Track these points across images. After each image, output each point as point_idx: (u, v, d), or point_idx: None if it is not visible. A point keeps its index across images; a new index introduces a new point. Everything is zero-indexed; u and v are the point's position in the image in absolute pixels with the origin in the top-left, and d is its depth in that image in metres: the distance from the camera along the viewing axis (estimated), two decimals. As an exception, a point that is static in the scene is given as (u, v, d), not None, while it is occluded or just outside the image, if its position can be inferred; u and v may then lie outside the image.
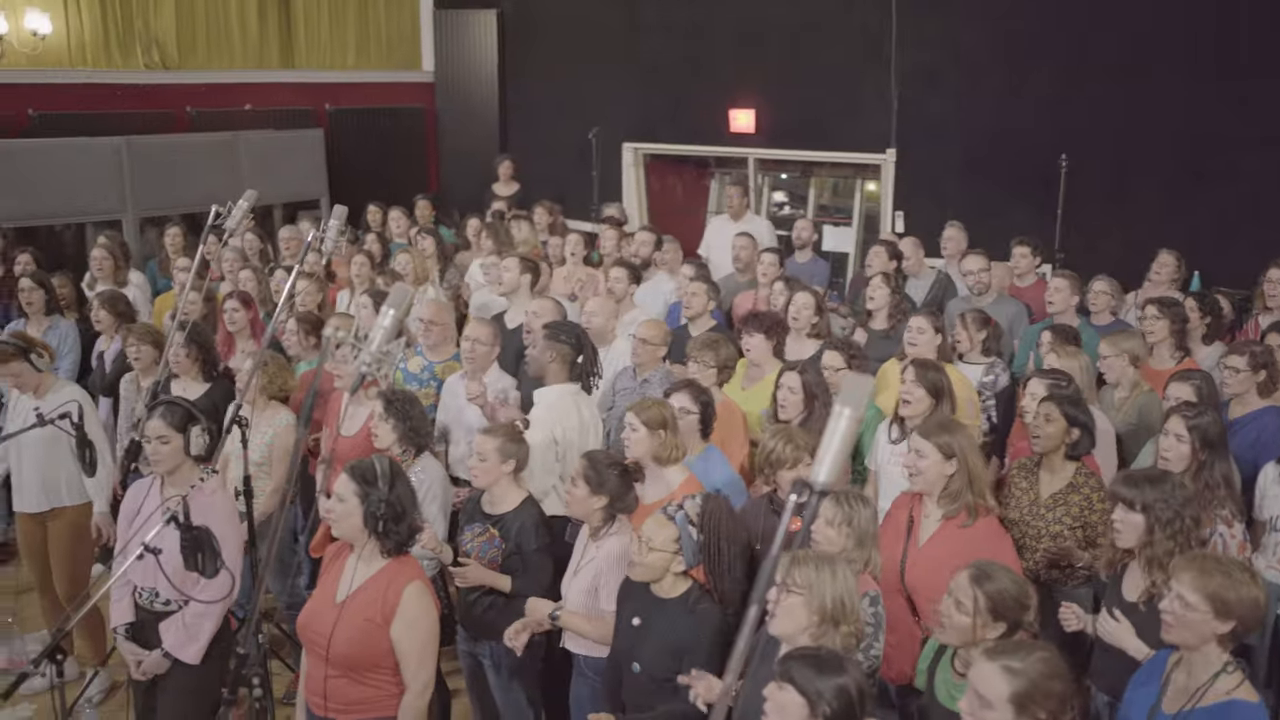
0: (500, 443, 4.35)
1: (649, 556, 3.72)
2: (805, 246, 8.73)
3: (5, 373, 5.39)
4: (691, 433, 4.76)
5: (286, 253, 8.69)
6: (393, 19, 13.51)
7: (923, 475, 4.11)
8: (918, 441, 4.13)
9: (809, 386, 5.06)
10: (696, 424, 4.77)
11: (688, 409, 4.75)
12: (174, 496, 3.62)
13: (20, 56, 10.53)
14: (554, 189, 11.15)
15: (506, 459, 4.37)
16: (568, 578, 4.28)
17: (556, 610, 4.12)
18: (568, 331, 5.36)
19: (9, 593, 6.43)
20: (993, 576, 3.27)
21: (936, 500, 4.13)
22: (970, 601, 3.23)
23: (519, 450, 4.43)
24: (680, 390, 4.84)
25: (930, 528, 4.14)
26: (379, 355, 2.52)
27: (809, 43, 10.24)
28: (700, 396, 4.82)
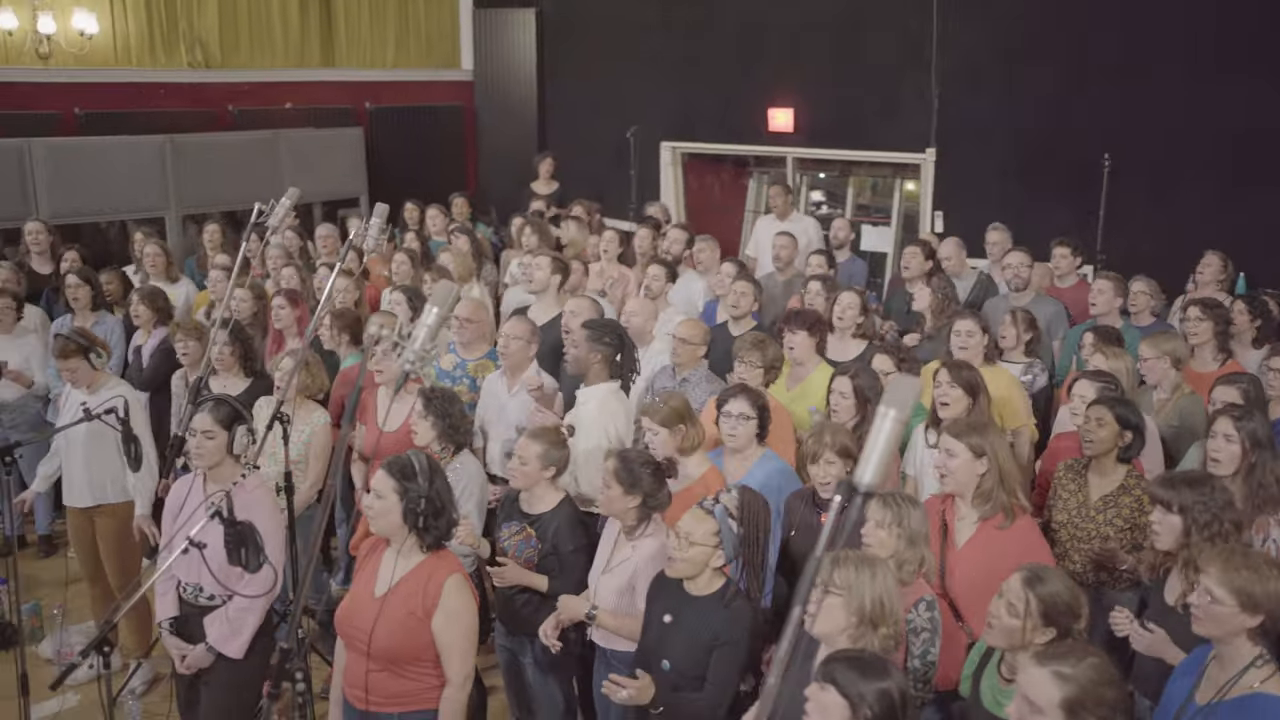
0: (544, 449, 4.38)
1: (689, 551, 3.71)
2: (843, 246, 8.70)
3: (64, 368, 5.47)
4: (749, 437, 4.75)
5: (324, 250, 8.75)
6: (432, 18, 13.58)
7: (953, 475, 4.09)
8: (947, 441, 4.11)
9: (861, 390, 5.02)
10: (755, 429, 4.75)
11: (746, 414, 4.72)
12: (218, 492, 3.66)
13: (67, 56, 10.66)
14: (592, 188, 11.17)
15: (548, 465, 4.41)
16: (596, 572, 4.29)
17: (594, 610, 4.12)
18: (610, 331, 5.37)
19: (56, 584, 6.51)
20: (1046, 580, 3.22)
21: (970, 501, 4.09)
22: (1022, 604, 3.19)
23: (561, 457, 4.46)
24: (737, 395, 4.81)
25: (967, 530, 4.11)
26: (422, 353, 2.53)
27: (848, 42, 10.19)
28: (757, 401, 4.80)
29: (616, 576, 4.15)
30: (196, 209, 10.65)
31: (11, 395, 6.88)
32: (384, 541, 3.71)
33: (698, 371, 5.91)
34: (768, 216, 9.85)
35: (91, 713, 5.51)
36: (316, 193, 11.42)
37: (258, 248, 8.33)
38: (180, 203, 10.64)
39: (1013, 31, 9.17)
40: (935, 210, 9.87)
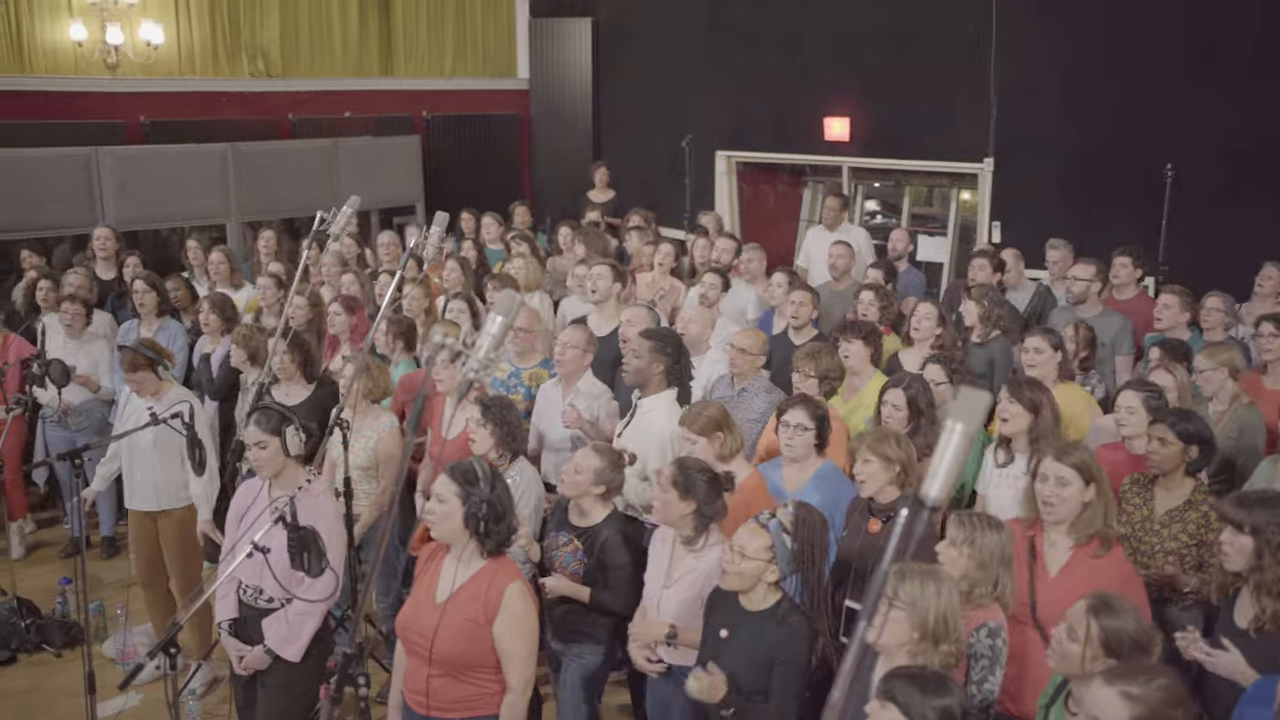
0: (602, 466, 4.40)
1: (742, 565, 3.70)
2: (902, 257, 8.63)
3: (131, 380, 5.54)
4: (807, 447, 4.74)
5: (386, 258, 8.83)
6: (489, 27, 13.69)
7: (1065, 504, 3.89)
8: (1057, 469, 3.91)
9: (914, 401, 5.00)
10: (813, 439, 4.74)
11: (804, 424, 4.72)
12: (281, 497, 3.70)
13: (134, 66, 10.88)
14: (646, 197, 11.19)
15: (600, 482, 4.42)
16: (655, 588, 4.26)
17: (672, 629, 4.11)
18: (669, 340, 5.36)
19: (118, 586, 6.62)
20: (1115, 612, 3.11)
21: (1067, 529, 3.93)
22: (1082, 630, 3.11)
23: (615, 479, 4.47)
24: (796, 405, 4.81)
25: (1059, 557, 3.94)
26: (486, 361, 2.54)
27: (906, 50, 10.13)
28: (816, 411, 4.79)
29: (682, 589, 4.14)
30: (256, 216, 10.79)
31: (79, 399, 7.01)
32: (444, 547, 3.73)
33: (757, 381, 5.90)
34: (818, 226, 9.81)
35: (152, 712, 5.60)
36: (374, 200, 11.54)
37: (316, 255, 8.43)
38: (241, 210, 10.79)
39: (1073, 39, 9.07)
40: (993, 220, 9.77)
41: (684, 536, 4.17)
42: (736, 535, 3.77)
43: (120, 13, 10.69)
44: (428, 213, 12.14)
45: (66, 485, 7.50)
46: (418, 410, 2.51)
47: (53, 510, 8.22)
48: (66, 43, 10.54)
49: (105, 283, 8.36)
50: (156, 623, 6.03)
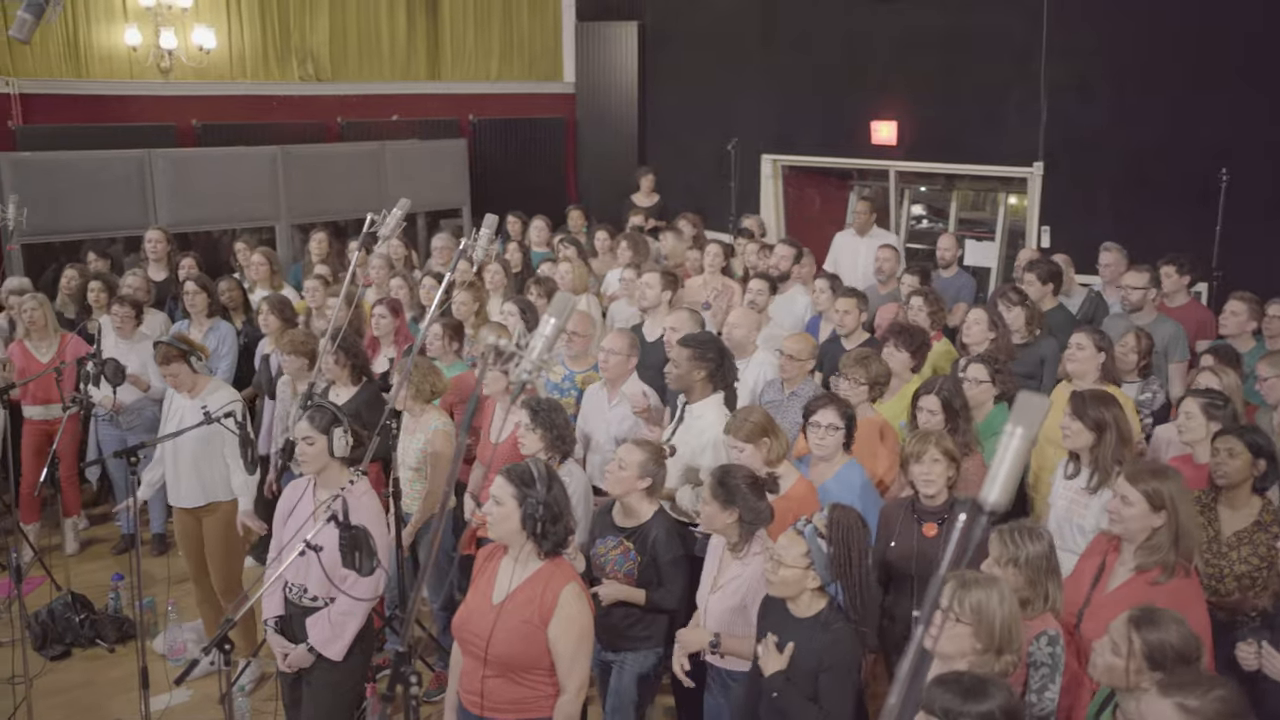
0: (644, 459, 4.40)
1: (781, 573, 3.70)
2: (950, 264, 8.56)
3: (166, 373, 5.62)
4: (836, 447, 4.74)
5: (438, 261, 8.88)
6: (536, 31, 13.74)
7: (1125, 524, 3.83)
8: (1123, 487, 3.85)
9: (948, 403, 4.99)
10: (842, 439, 4.77)
11: (834, 424, 4.75)
12: (334, 497, 3.73)
13: (187, 70, 11.02)
14: (692, 200, 11.18)
15: (644, 476, 4.42)
16: (703, 592, 4.28)
17: (715, 638, 4.11)
18: (707, 346, 5.34)
19: (170, 582, 6.70)
20: (1158, 624, 3.07)
21: (1134, 550, 3.85)
22: (1125, 644, 3.06)
23: (659, 472, 4.48)
24: (825, 406, 4.82)
25: (1121, 575, 3.87)
26: (539, 363, 2.55)
27: (954, 53, 10.06)
28: (845, 411, 4.80)
29: (727, 596, 4.14)
30: (305, 219, 10.89)
31: (130, 398, 7.11)
32: (502, 548, 3.75)
33: (806, 385, 5.91)
34: (847, 231, 9.77)
35: (201, 707, 5.67)
36: (420, 203, 11.61)
37: (364, 257, 8.49)
38: (290, 212, 10.90)
39: (1125, 41, 8.96)
40: (1042, 225, 9.68)
41: (730, 543, 4.17)
42: (775, 543, 3.78)
43: (174, 17, 10.84)
44: (473, 216, 12.25)
45: (118, 483, 7.62)
46: (470, 412, 2.52)
47: (104, 507, 8.34)
48: (121, 47, 10.70)
49: (158, 284, 8.47)
50: (206, 619, 6.10)
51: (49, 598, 6.57)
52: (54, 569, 6.93)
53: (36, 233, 8.82)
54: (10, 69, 10.02)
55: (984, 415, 5.32)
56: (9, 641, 6.10)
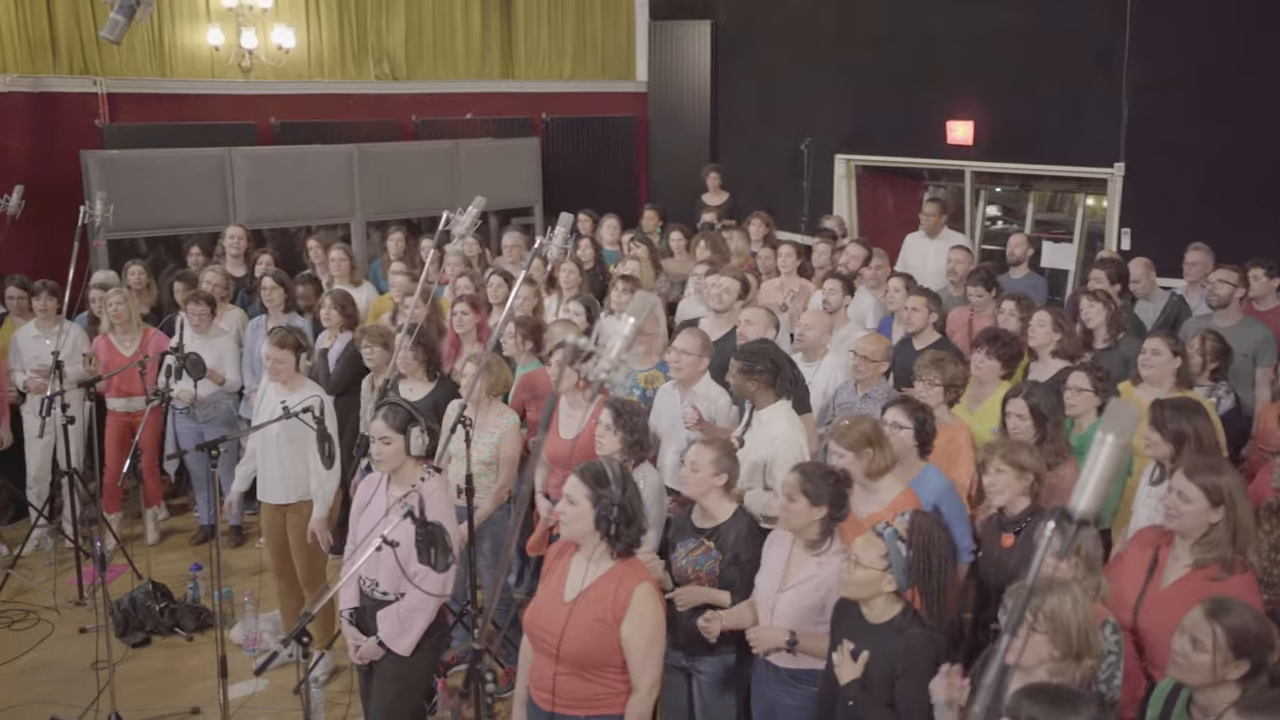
0: (716, 455, 4.37)
1: (856, 573, 3.67)
2: (1020, 263, 8.42)
3: (275, 355, 5.68)
4: (907, 451, 4.67)
5: (509, 258, 8.93)
6: (609, 30, 13.78)
7: (1182, 519, 3.79)
8: (1181, 482, 3.81)
9: (1037, 409, 4.89)
10: (911, 440, 4.68)
11: (900, 423, 4.69)
12: (410, 493, 3.77)
13: (266, 69, 11.21)
14: (763, 199, 11.11)
15: (720, 472, 4.39)
16: (769, 591, 4.21)
17: (793, 636, 4.08)
18: (760, 358, 5.23)
19: (245, 573, 6.82)
20: (1231, 611, 3.05)
21: (1190, 546, 3.81)
22: (1208, 638, 3.02)
23: (733, 465, 4.45)
24: (895, 405, 4.76)
25: (1177, 570, 3.84)
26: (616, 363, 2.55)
27: (1034, 51, 9.88)
28: (916, 413, 4.73)
29: (801, 595, 4.10)
30: (379, 216, 11.02)
31: (206, 391, 7.24)
32: (572, 545, 3.75)
33: (880, 388, 5.85)
34: (917, 233, 9.66)
35: (277, 696, 5.76)
36: (493, 202, 11.44)
37: (439, 255, 8.55)
38: (365, 209, 11.03)
39: (1213, 37, 8.72)
40: (1122, 227, 9.48)
41: (808, 541, 4.14)
42: (854, 544, 3.74)
43: (255, 18, 11.03)
44: (545, 214, 12.31)
45: (196, 475, 7.77)
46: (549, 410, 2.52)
47: (183, 498, 8.52)
48: (204, 47, 10.91)
49: (236, 279, 8.61)
50: (286, 612, 6.19)
51: (131, 586, 6.72)
52: (135, 558, 7.09)
53: (120, 229, 9.01)
54: (99, 68, 10.25)
55: (1087, 425, 5.22)
56: (93, 628, 6.27)
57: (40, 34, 9.92)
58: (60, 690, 5.84)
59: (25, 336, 7.41)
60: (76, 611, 6.69)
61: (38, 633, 6.48)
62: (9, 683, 5.96)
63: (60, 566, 7.22)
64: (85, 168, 9.62)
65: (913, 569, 3.65)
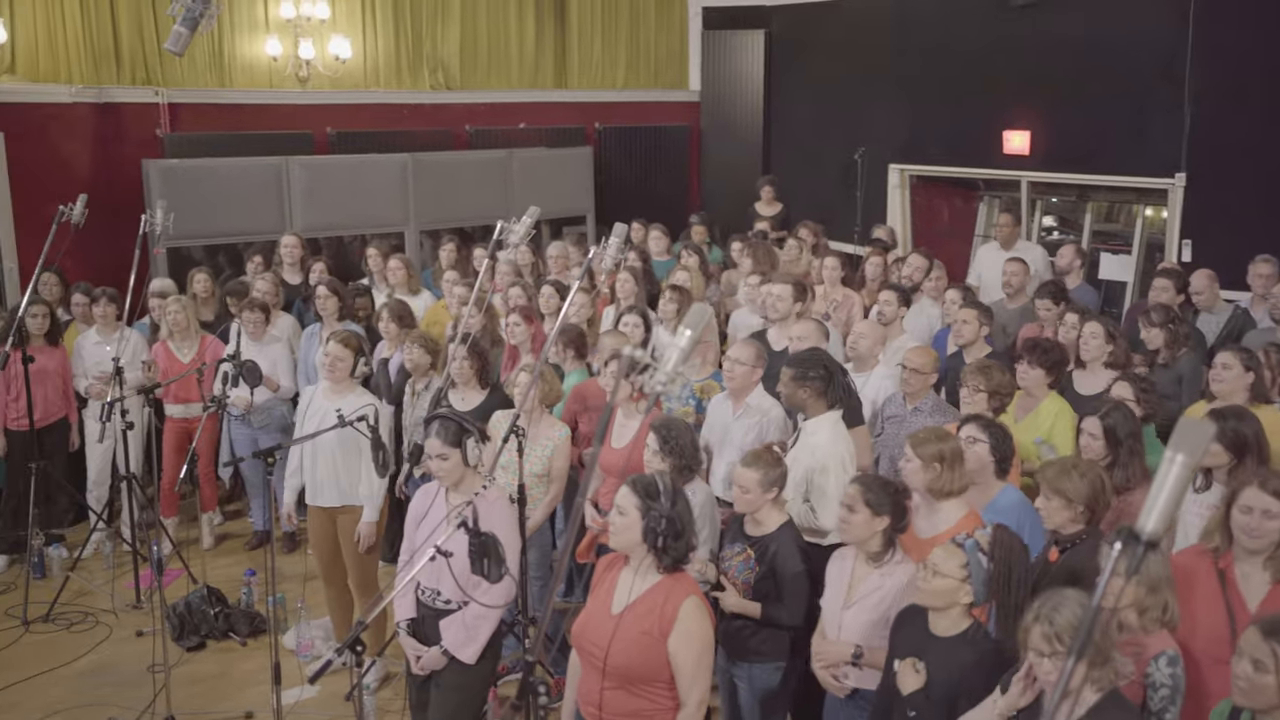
0: (761, 474, 4.36)
1: (934, 582, 3.62)
2: (1069, 273, 8.30)
3: (336, 355, 5.71)
4: (984, 467, 4.58)
5: (554, 269, 8.94)
6: (662, 40, 13.78)
7: (1267, 537, 3.67)
8: (1262, 500, 3.67)
9: (1112, 431, 4.71)
10: (988, 456, 4.59)
11: (975, 437, 4.60)
12: (464, 503, 3.77)
13: (323, 79, 11.32)
14: (816, 209, 11.06)
15: (769, 488, 4.38)
16: (834, 607, 4.18)
17: (859, 649, 4.04)
18: (813, 364, 5.20)
19: (297, 579, 6.87)
20: None
21: (1263, 562, 3.70)
22: (1270, 659, 2.92)
23: (779, 474, 4.43)
24: (970, 421, 4.70)
25: (1257, 591, 3.70)
26: (673, 376, 2.53)
27: (1093, 59, 9.74)
28: (992, 429, 4.64)
29: (866, 610, 4.06)
30: (433, 225, 11.09)
31: (261, 398, 7.31)
32: (621, 558, 3.74)
33: (929, 400, 5.78)
34: (991, 243, 9.55)
35: (329, 703, 5.79)
36: (545, 211, 11.49)
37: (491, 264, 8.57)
38: (418, 218, 11.11)
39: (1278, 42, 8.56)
40: (1183, 239, 9.32)
41: (870, 553, 4.09)
42: (932, 553, 3.69)
43: (313, 29, 11.15)
44: (598, 223, 12.32)
45: (251, 481, 7.85)
46: (604, 422, 2.51)
47: (237, 503, 8.61)
48: (263, 58, 11.05)
49: (291, 287, 8.70)
50: (336, 618, 6.22)
51: (186, 590, 6.79)
52: (190, 562, 7.18)
53: (179, 237, 9.13)
54: (161, 79, 10.41)
55: None
56: (150, 631, 6.35)
57: (105, 46, 10.09)
58: (117, 692, 5.91)
59: (87, 342, 7.54)
60: (133, 614, 6.79)
61: (96, 635, 6.57)
62: (68, 684, 6.04)
63: (118, 570, 7.33)
64: (146, 176, 9.78)
65: (992, 582, 3.60)
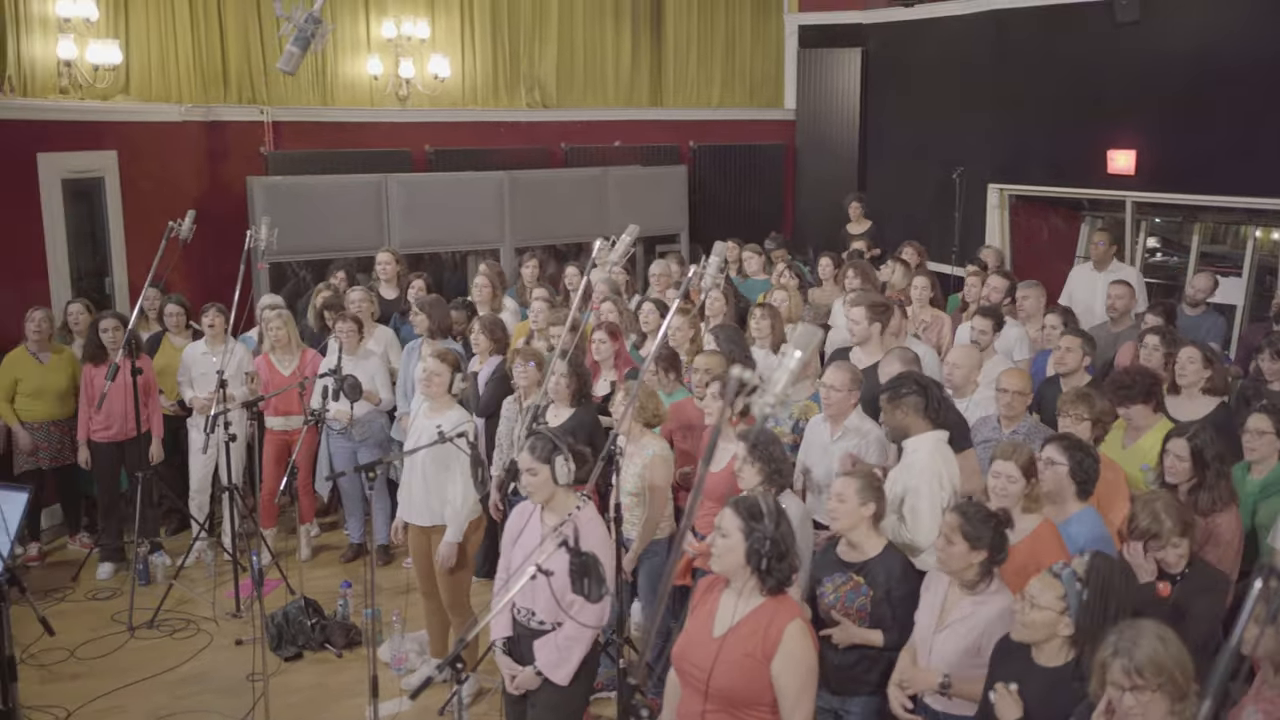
0: (860, 484, 4.32)
1: (1032, 614, 3.55)
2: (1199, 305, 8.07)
3: (434, 370, 5.78)
4: (1062, 489, 4.49)
5: (657, 287, 8.94)
6: (758, 59, 13.75)
7: None
8: None
9: (1199, 453, 4.69)
10: (1066, 478, 4.49)
11: (1054, 459, 4.53)
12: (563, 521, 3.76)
13: (422, 98, 11.50)
14: (912, 229, 10.91)
15: (866, 502, 4.33)
16: (926, 631, 4.12)
17: (946, 678, 3.95)
18: (905, 381, 5.13)
19: (391, 592, 6.94)
20: None
21: None
22: None
23: (879, 496, 4.38)
24: (1052, 441, 4.62)
25: None
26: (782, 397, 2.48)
27: (1202, 76, 9.47)
28: (1073, 451, 4.55)
29: (957, 636, 3.98)
30: (528, 242, 11.14)
31: (361, 411, 7.40)
32: (721, 580, 3.69)
33: (1025, 424, 5.67)
34: (1084, 265, 9.33)
35: (422, 716, 5.82)
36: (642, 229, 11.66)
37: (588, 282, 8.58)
38: (514, 236, 11.19)
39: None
40: (1297, 261, 9.01)
41: (965, 581, 4.01)
42: (1029, 585, 3.61)
43: (413, 48, 11.33)
44: (691, 242, 12.30)
45: (349, 494, 7.95)
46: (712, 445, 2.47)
47: (333, 515, 8.74)
48: (364, 77, 11.26)
49: (388, 301, 8.81)
50: (432, 632, 6.26)
51: (284, 600, 6.90)
52: (287, 574, 7.29)
53: (281, 252, 9.32)
54: (266, 98, 10.66)
55: (1266, 470, 4.96)
56: (248, 640, 6.46)
57: (214, 67, 10.36)
58: (217, 700, 6.02)
59: (194, 354, 7.71)
60: (233, 623, 6.90)
61: (197, 642, 6.70)
62: (169, 690, 6.17)
63: (219, 578, 7.47)
64: (250, 193, 10.02)
65: (1086, 613, 3.49)
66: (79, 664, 6.42)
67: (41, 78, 8.58)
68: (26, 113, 8.22)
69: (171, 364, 7.90)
